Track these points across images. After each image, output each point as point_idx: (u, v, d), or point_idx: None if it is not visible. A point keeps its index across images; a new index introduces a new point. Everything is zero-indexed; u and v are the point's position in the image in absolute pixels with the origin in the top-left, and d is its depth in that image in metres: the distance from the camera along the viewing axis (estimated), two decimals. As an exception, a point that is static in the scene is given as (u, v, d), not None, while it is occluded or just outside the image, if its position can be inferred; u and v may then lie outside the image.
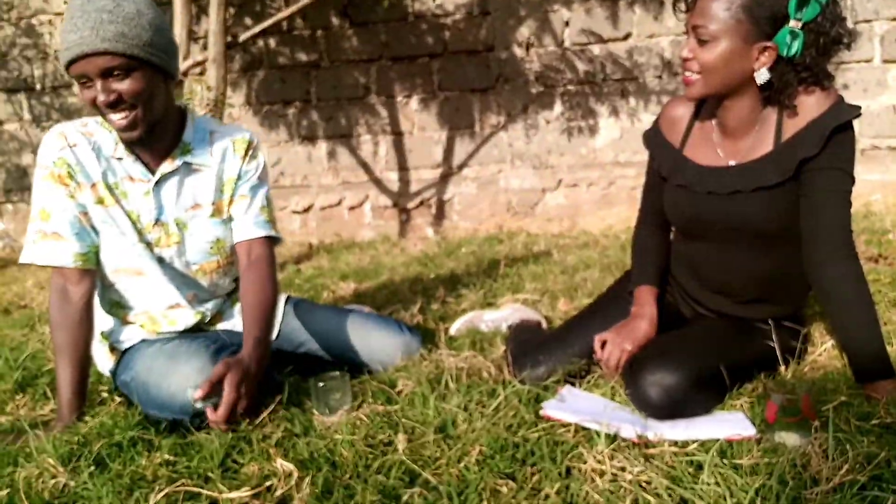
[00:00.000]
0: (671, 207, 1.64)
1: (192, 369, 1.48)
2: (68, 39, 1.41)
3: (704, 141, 1.59)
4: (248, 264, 1.68)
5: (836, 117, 1.40)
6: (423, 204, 4.59)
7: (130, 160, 1.58)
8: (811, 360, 1.69)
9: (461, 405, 1.47)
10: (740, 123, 1.51)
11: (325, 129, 4.54)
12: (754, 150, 1.50)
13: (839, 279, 1.44)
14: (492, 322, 2.13)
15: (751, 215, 1.50)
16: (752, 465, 1.18)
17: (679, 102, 1.66)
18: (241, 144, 1.70)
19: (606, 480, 1.18)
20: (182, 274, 1.68)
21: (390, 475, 1.24)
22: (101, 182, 1.57)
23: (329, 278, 3.07)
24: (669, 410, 1.41)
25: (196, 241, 1.66)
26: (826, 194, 1.44)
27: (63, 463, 1.33)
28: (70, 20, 1.41)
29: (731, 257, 1.58)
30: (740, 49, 1.39)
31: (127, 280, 1.64)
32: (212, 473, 1.28)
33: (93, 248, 1.58)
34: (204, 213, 1.66)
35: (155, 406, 1.50)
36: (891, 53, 4.04)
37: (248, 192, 1.71)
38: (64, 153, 1.54)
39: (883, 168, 4.09)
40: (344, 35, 4.41)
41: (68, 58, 1.41)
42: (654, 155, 1.69)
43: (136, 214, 1.61)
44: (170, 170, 1.60)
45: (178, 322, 1.70)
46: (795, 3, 1.34)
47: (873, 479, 1.11)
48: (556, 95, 4.35)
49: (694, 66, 1.45)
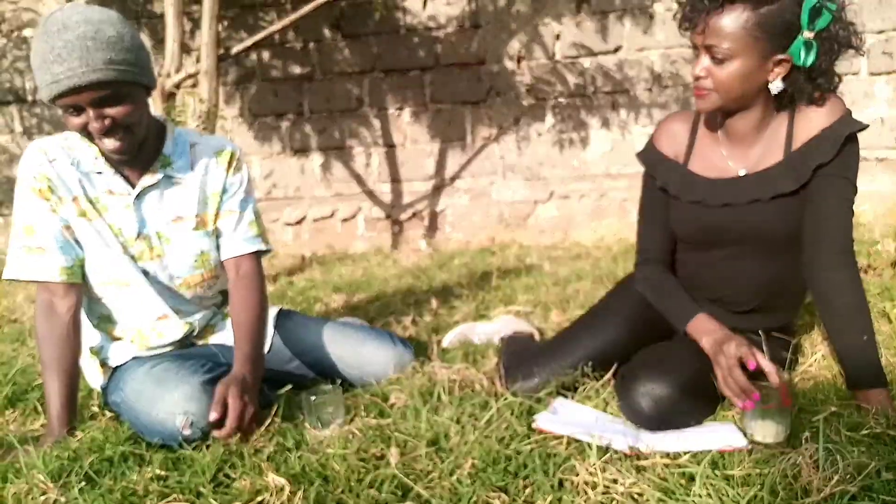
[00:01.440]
0: (683, 223, 1.61)
1: (181, 396, 1.47)
2: (54, 71, 1.35)
3: (710, 153, 1.58)
4: (237, 280, 1.69)
5: (848, 126, 1.43)
6: (415, 216, 4.60)
7: (110, 174, 1.57)
8: (801, 371, 1.70)
9: (454, 418, 1.47)
10: (750, 131, 1.51)
11: (318, 141, 4.55)
12: (765, 158, 1.51)
13: (839, 285, 1.46)
14: (484, 334, 2.13)
15: (768, 223, 1.50)
16: (744, 476, 1.18)
17: (674, 119, 1.65)
18: (223, 156, 1.69)
19: (599, 493, 1.18)
20: (167, 287, 1.68)
21: (382, 489, 1.23)
22: (82, 196, 1.56)
23: (321, 290, 3.06)
24: (661, 421, 1.42)
25: (179, 255, 1.66)
26: (831, 201, 1.45)
27: (53, 479, 1.32)
28: (49, 50, 1.35)
29: (733, 266, 1.59)
30: (757, 64, 1.39)
31: (114, 292, 1.63)
32: (203, 488, 1.27)
33: (78, 261, 1.58)
34: (187, 226, 1.66)
35: (144, 431, 1.50)
36: (877, 66, 4.09)
37: (237, 207, 1.71)
38: (44, 168, 1.53)
39: (871, 179, 4.13)
40: (336, 48, 4.43)
41: (58, 91, 1.36)
42: (656, 174, 1.64)
43: (118, 228, 1.60)
44: (150, 183, 1.60)
45: (166, 334, 1.69)
46: (808, 14, 1.35)
47: (864, 490, 1.11)
48: (548, 108, 4.38)
49: (708, 83, 1.43)
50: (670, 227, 1.65)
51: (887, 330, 1.92)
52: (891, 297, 2.13)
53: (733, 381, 1.35)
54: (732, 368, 1.36)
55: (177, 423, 1.43)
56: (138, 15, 4.50)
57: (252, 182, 1.77)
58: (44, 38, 1.37)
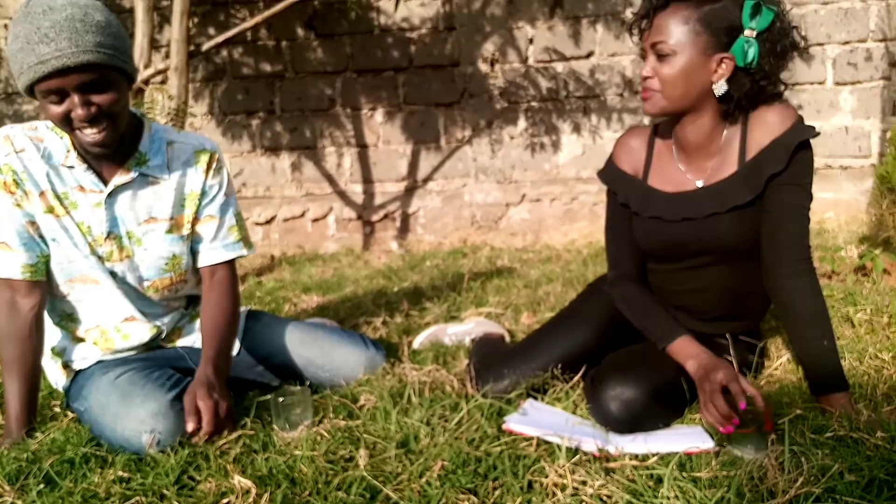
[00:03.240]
0: (645, 237, 1.62)
1: (147, 413, 1.42)
2: (40, 52, 1.28)
3: (667, 167, 1.60)
4: (210, 284, 1.67)
5: (799, 134, 1.44)
6: (387, 217, 4.58)
7: (82, 169, 1.50)
8: (767, 374, 1.72)
9: (423, 419, 1.47)
10: (701, 142, 1.53)
11: (289, 140, 4.51)
12: (720, 170, 1.52)
13: (798, 292, 1.48)
14: (455, 335, 2.13)
15: (727, 235, 1.52)
16: (711, 478, 1.19)
17: (631, 135, 1.66)
18: (203, 157, 1.63)
19: (568, 494, 1.18)
20: (134, 288, 1.63)
21: (351, 491, 1.22)
22: (49, 191, 1.49)
23: (291, 291, 3.03)
24: (630, 424, 1.43)
25: (150, 257, 1.60)
26: (786, 209, 1.47)
27: (10, 481, 1.29)
28: (34, 31, 1.28)
29: (698, 276, 1.60)
30: (699, 61, 1.42)
31: (81, 290, 1.58)
32: (167, 490, 1.25)
33: (42, 258, 1.52)
34: (160, 228, 1.60)
35: (109, 443, 1.45)
36: (842, 76, 4.18)
37: (217, 213, 1.66)
38: (10, 159, 1.46)
39: (836, 187, 4.22)
40: (309, 46, 4.40)
41: (44, 72, 1.29)
42: (617, 190, 1.65)
43: (87, 226, 1.53)
44: (124, 181, 1.53)
45: (132, 336, 1.64)
46: (749, 12, 1.38)
47: (827, 491, 1.13)
48: (520, 111, 4.39)
49: (654, 83, 1.46)
50: (633, 238, 1.66)
51: (850, 334, 1.95)
52: (854, 303, 2.18)
53: (714, 408, 1.35)
54: (715, 395, 1.35)
55: (143, 440, 1.39)
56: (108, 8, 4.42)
57: (232, 183, 1.71)
58: (27, 19, 1.30)
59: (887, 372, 1.66)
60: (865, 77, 4.16)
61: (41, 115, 1.40)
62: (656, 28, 1.44)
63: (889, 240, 3.18)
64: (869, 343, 1.85)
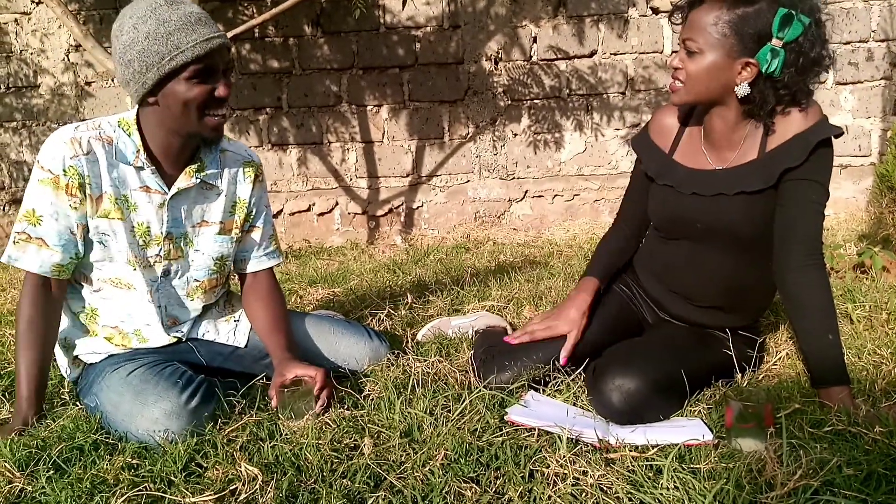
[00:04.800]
0: (655, 205, 1.69)
1: (160, 413, 1.44)
2: (201, 31, 1.39)
3: (693, 148, 1.65)
4: (255, 285, 1.78)
5: (821, 132, 1.47)
6: (392, 212, 4.60)
7: (149, 171, 1.53)
8: (766, 369, 1.74)
9: (427, 410, 1.49)
10: (723, 135, 1.57)
11: (296, 135, 4.53)
12: (740, 160, 1.56)
13: (806, 286, 1.50)
14: (458, 328, 2.14)
15: (730, 217, 1.55)
16: (710, 470, 1.21)
17: (668, 111, 1.71)
18: (250, 168, 1.72)
19: (568, 484, 1.20)
20: (175, 294, 1.66)
21: (356, 479, 1.24)
22: (111, 192, 1.51)
23: (297, 284, 3.05)
24: (630, 416, 1.44)
25: (200, 258, 1.67)
26: (801, 204, 1.50)
27: (20, 467, 1.31)
28: (183, 16, 1.38)
29: (702, 260, 1.63)
30: (724, 62, 1.45)
31: (112, 290, 1.59)
32: (175, 477, 1.27)
33: (74, 260, 1.52)
34: (211, 231, 1.66)
35: (122, 436, 1.46)
36: (842, 76, 4.19)
37: (262, 223, 1.76)
38: (76, 162, 1.45)
39: (835, 185, 4.23)
40: (316, 43, 4.41)
41: (209, 48, 1.39)
42: (642, 157, 1.74)
43: (146, 227, 1.56)
44: (186, 185, 1.58)
45: (150, 341, 1.65)
46: (779, 22, 1.39)
47: (825, 484, 1.15)
48: (524, 109, 4.41)
49: (681, 74, 1.51)
50: (646, 206, 1.74)
51: (848, 330, 1.97)
52: (852, 299, 2.19)
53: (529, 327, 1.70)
54: (535, 333, 1.69)
55: (157, 440, 1.41)
56: (113, 3, 4.44)
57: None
58: (151, 16, 1.38)
59: (886, 368, 1.68)
60: (866, 77, 4.18)
61: (50, 111, 1.43)
62: (689, 24, 1.48)
63: (888, 237, 3.20)
64: (868, 339, 1.87)
